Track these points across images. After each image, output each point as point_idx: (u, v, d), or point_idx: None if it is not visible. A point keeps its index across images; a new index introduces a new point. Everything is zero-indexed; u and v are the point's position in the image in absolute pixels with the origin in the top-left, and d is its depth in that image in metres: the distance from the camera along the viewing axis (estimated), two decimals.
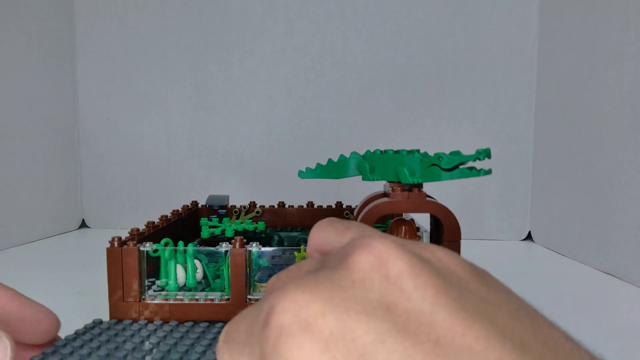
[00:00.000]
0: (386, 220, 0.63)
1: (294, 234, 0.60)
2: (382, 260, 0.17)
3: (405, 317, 0.16)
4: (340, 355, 0.15)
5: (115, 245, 0.40)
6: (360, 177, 0.48)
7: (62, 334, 0.47)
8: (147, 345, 0.32)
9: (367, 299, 0.16)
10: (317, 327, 0.16)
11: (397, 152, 0.47)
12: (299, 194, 0.90)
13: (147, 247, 0.40)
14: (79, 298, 0.58)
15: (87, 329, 0.35)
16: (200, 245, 0.44)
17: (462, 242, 0.42)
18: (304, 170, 0.51)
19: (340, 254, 0.19)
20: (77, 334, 0.34)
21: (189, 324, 0.37)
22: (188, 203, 0.66)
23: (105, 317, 0.41)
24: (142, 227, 0.47)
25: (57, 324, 0.31)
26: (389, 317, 0.16)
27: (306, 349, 0.15)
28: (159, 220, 0.51)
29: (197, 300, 0.40)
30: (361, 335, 0.15)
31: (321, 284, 0.17)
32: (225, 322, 0.40)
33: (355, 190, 0.68)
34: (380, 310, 0.16)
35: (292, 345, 0.16)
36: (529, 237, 0.97)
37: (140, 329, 0.36)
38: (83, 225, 1.06)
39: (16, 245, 0.86)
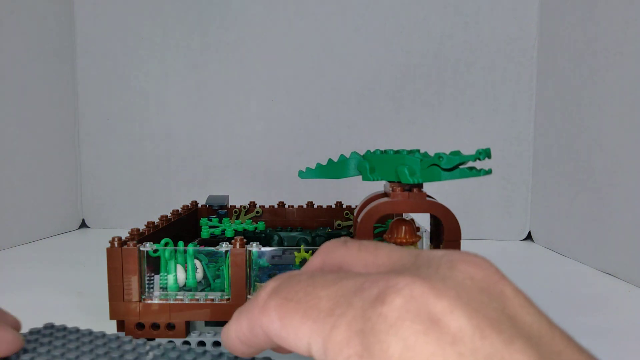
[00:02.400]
0: (386, 220, 0.62)
1: (294, 234, 0.60)
2: (498, 278, 0.18)
3: (528, 328, 0.17)
4: (468, 351, 0.15)
5: (116, 245, 0.40)
6: (360, 177, 0.48)
7: None
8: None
9: (491, 306, 0.17)
10: (445, 322, 0.16)
11: (397, 152, 0.47)
12: (299, 194, 0.90)
13: (147, 247, 0.40)
14: (79, 298, 0.58)
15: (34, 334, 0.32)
16: (200, 245, 0.44)
17: (462, 242, 0.42)
18: (304, 170, 0.51)
19: (444, 260, 0.19)
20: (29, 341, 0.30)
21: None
22: (188, 203, 0.66)
23: (106, 317, 0.41)
24: (142, 227, 0.47)
25: (19, 347, 0.29)
26: (514, 325, 0.16)
27: (432, 338, 0.15)
28: (158, 221, 0.51)
29: (197, 300, 0.40)
30: (490, 335, 0.16)
31: (447, 283, 0.17)
32: (225, 322, 0.40)
33: (355, 190, 0.68)
34: (505, 317, 0.17)
35: (417, 331, 0.16)
36: (529, 237, 0.97)
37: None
38: (83, 225, 1.06)
39: (16, 245, 0.86)
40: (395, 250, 0.21)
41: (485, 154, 0.39)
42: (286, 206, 0.69)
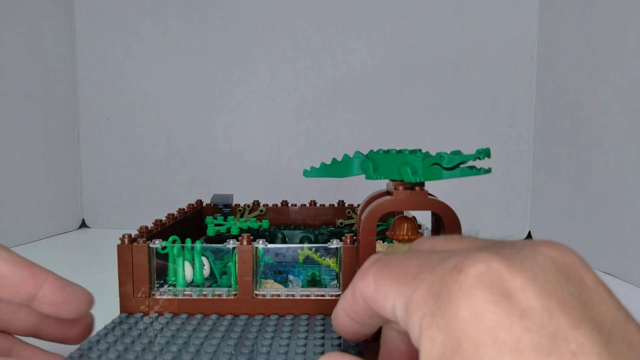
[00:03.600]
0: (388, 218, 0.63)
1: (297, 232, 0.61)
2: (580, 265, 0.19)
3: (601, 317, 0.17)
4: (534, 327, 0.16)
5: (126, 242, 0.40)
6: (362, 176, 0.48)
7: None
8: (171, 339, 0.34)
9: (567, 290, 0.17)
10: (516, 298, 0.17)
11: (399, 151, 0.47)
12: (301, 193, 0.90)
13: (157, 244, 0.41)
14: None
15: (115, 324, 0.36)
16: (207, 242, 0.45)
17: None
18: (309, 170, 0.51)
19: (527, 244, 0.20)
20: (107, 329, 0.35)
21: (199, 316, 0.38)
22: (188, 203, 0.66)
23: (106, 317, 0.41)
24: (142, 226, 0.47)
25: (92, 302, 0.33)
26: (586, 312, 0.17)
27: (501, 310, 0.16)
28: (165, 219, 0.51)
29: (205, 295, 0.40)
30: (559, 317, 0.16)
31: (525, 263, 0.18)
32: (233, 315, 0.40)
33: (356, 190, 0.68)
34: (578, 303, 0.17)
35: (488, 300, 0.17)
36: (529, 237, 0.98)
37: (152, 322, 0.37)
38: (83, 225, 1.06)
39: (16, 245, 0.86)
40: (479, 239, 0.22)
41: (485, 153, 0.40)
42: (289, 205, 0.69)
